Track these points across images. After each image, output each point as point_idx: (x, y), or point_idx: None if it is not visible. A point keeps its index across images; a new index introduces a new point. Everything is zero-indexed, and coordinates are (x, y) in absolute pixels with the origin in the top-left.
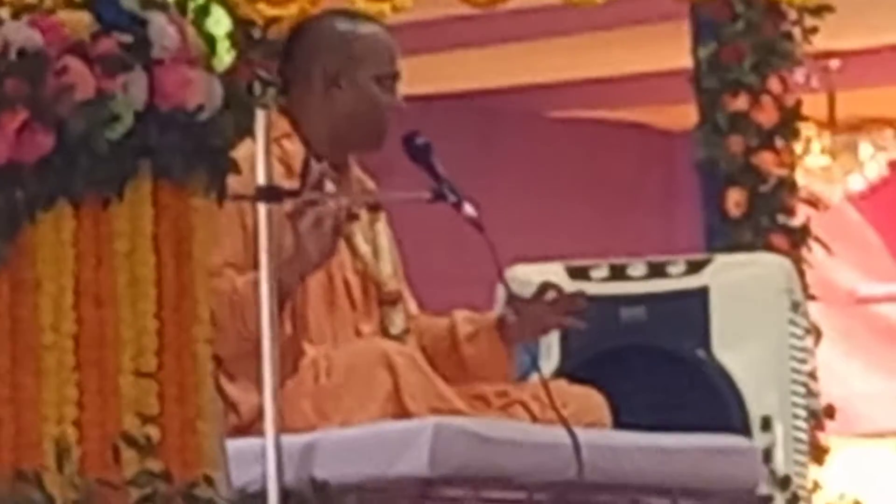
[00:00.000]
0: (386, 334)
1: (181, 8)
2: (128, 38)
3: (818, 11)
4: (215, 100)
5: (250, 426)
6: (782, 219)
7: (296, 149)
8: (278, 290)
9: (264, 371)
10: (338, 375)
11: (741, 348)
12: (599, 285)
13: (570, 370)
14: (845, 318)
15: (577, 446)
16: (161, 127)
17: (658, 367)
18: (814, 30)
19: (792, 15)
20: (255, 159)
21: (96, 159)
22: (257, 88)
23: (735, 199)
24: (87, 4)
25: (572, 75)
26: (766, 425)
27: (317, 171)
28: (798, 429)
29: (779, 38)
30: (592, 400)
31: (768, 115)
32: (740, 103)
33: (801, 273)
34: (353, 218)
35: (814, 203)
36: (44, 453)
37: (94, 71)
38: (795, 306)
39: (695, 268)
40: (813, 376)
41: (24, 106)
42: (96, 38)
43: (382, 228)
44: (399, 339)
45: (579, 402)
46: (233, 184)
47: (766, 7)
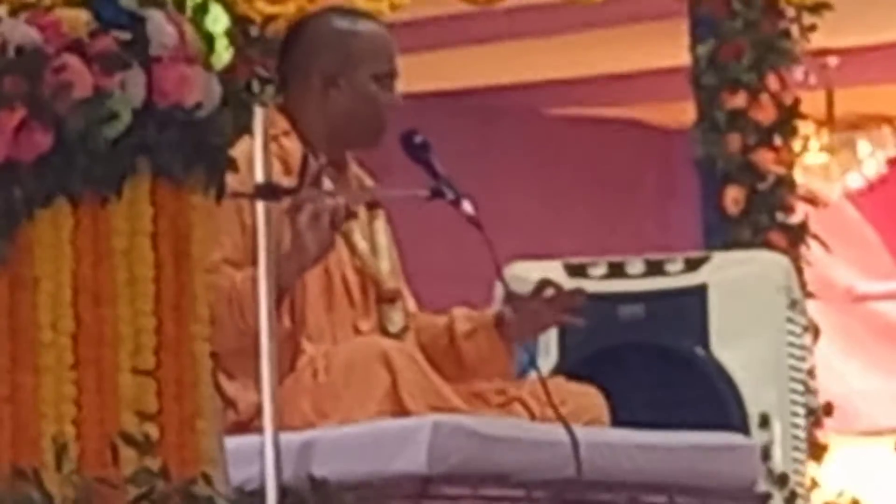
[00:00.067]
0: (384, 332)
1: (179, 6)
2: (126, 36)
3: (816, 9)
4: (213, 97)
5: (249, 424)
6: (781, 216)
7: (294, 146)
8: (277, 285)
9: (263, 369)
10: (336, 373)
11: (739, 346)
12: (598, 283)
13: (569, 368)
14: (844, 316)
15: (575, 444)
16: (159, 125)
17: (656, 365)
18: (812, 27)
19: (790, 12)
20: (254, 157)
21: (94, 157)
22: (255, 86)
23: (733, 197)
24: (86, 2)
25: (571, 73)
26: (765, 423)
27: (315, 169)
28: (796, 426)
29: (777, 36)
30: (591, 398)
31: (767, 113)
32: (739, 101)
33: (800, 271)
34: (352, 216)
35: (812, 201)
36: (42, 451)
37: (92, 69)
38: (794, 304)
39: (693, 265)
40: (811, 374)
41: (22, 104)
42: (94, 35)
43: (381, 226)
44: (398, 337)
45: (578, 399)
46: (231, 181)
47: (765, 5)
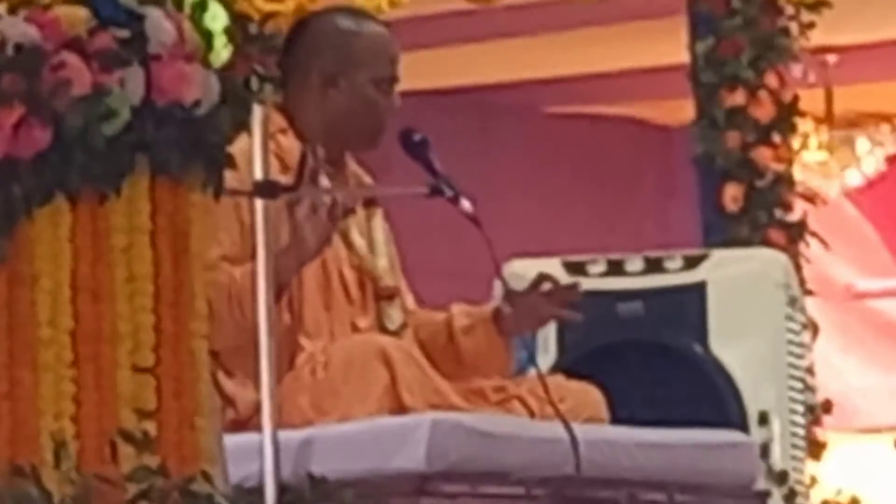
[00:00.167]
0: (383, 329)
1: (178, 3)
2: (124, 34)
3: (815, 7)
4: (212, 95)
5: (248, 421)
6: (779, 214)
7: (291, 144)
8: (276, 280)
9: (262, 366)
10: (335, 370)
11: (738, 343)
12: (596, 280)
13: (568, 365)
14: (842, 314)
15: (574, 441)
16: (158, 122)
17: (655, 363)
18: (811, 25)
19: (789, 10)
20: (252, 154)
21: (93, 154)
22: (254, 84)
23: (732, 195)
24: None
25: (569, 70)
26: (764, 420)
27: (313, 166)
28: (795, 424)
29: (776, 34)
30: (590, 395)
31: (765, 111)
32: (737, 98)
33: (799, 268)
34: (349, 213)
35: (811, 198)
36: (41, 448)
37: (90, 66)
38: (792, 301)
39: (692, 263)
40: (810, 371)
41: (20, 101)
42: (93, 33)
43: (379, 223)
44: (396, 334)
45: (577, 397)
46: (229, 179)
47: (764, 2)
